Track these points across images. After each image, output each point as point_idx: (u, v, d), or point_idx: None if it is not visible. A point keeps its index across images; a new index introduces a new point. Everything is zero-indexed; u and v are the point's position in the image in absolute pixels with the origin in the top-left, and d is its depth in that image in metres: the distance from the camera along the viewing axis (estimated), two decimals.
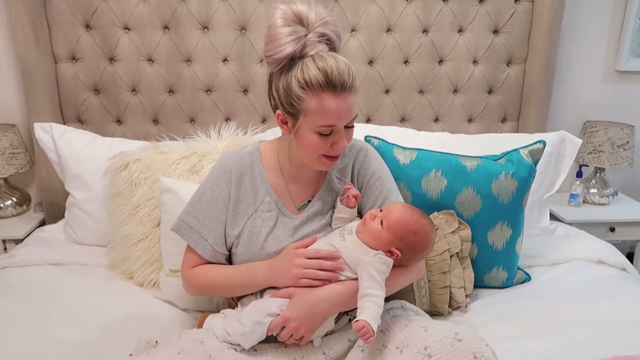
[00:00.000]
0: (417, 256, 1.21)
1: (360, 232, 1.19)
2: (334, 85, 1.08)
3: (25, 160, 2.08)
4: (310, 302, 1.13)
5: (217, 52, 2.06)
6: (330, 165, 1.20)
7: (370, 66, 2.15)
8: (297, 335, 1.13)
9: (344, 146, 1.15)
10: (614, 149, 2.25)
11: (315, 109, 1.10)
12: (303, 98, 1.10)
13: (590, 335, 1.32)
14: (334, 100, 1.09)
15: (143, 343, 1.22)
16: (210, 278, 1.26)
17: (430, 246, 1.21)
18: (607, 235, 2.23)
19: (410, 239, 1.16)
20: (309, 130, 1.13)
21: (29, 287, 1.53)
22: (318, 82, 1.08)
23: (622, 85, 2.42)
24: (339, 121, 1.12)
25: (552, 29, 2.11)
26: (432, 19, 2.11)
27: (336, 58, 1.10)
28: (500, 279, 1.66)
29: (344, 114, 1.11)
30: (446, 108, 2.24)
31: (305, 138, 1.14)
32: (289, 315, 1.12)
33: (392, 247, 1.15)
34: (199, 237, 1.25)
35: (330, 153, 1.16)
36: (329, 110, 1.09)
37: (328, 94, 1.09)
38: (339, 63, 1.09)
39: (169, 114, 2.12)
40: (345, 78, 1.09)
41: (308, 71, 1.09)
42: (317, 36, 1.12)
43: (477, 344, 1.01)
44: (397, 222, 1.16)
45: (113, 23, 1.99)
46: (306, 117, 1.11)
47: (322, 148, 1.15)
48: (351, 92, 1.12)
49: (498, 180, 1.58)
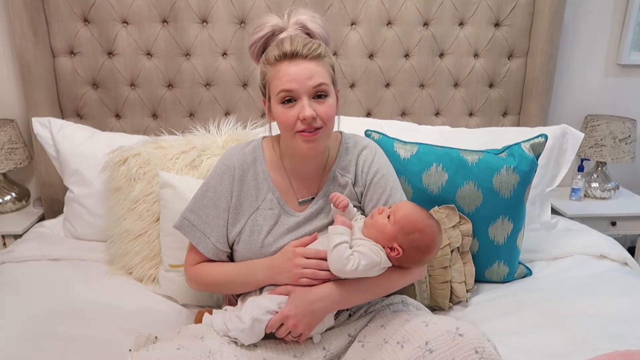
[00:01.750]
0: (420, 258, 1.17)
1: (365, 226, 1.18)
2: (285, 53, 1.13)
3: (24, 155, 2.07)
4: (309, 300, 1.12)
5: (216, 46, 2.05)
6: (309, 143, 1.15)
7: (371, 60, 2.14)
8: (296, 333, 1.13)
9: (307, 115, 1.11)
10: (616, 143, 2.24)
11: (272, 77, 1.16)
12: (265, 73, 1.17)
13: (592, 330, 1.32)
14: (288, 66, 1.13)
15: (142, 338, 1.21)
16: (211, 275, 1.26)
17: (434, 250, 1.17)
18: (608, 229, 2.22)
19: (415, 236, 1.14)
20: (275, 104, 1.16)
21: (28, 282, 1.53)
22: (273, 54, 1.15)
23: (624, 79, 2.40)
24: (294, 85, 1.12)
25: (553, 22, 2.10)
26: (433, 12, 2.10)
27: (297, 35, 1.17)
28: (501, 274, 1.65)
29: (299, 78, 1.12)
30: (447, 102, 2.23)
31: (275, 113, 1.17)
32: (287, 312, 1.12)
33: (395, 242, 1.13)
34: (202, 235, 1.25)
35: (300, 127, 1.14)
36: (283, 75, 1.13)
37: (285, 62, 1.14)
38: (295, 37, 1.15)
39: (168, 109, 2.11)
40: (296, 47, 1.13)
41: (270, 50, 1.17)
42: (295, 25, 1.19)
43: (479, 338, 1.00)
44: (405, 217, 1.14)
45: (111, 17, 1.98)
46: (270, 90, 1.17)
47: (290, 120, 1.14)
48: (308, 59, 1.14)
49: (499, 174, 1.57)
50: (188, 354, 1.02)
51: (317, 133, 1.14)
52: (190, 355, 1.02)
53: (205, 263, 1.28)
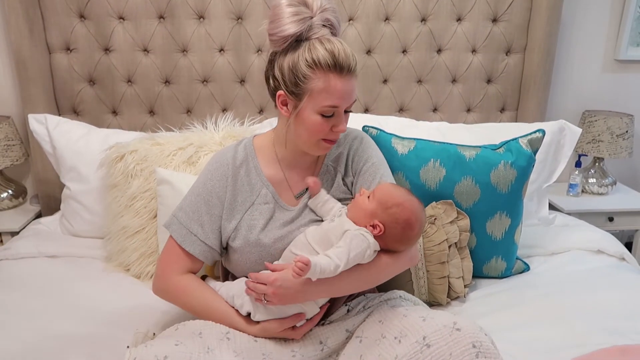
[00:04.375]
0: (402, 235, 1.16)
1: (348, 209, 1.19)
2: (341, 67, 1.11)
3: (20, 152, 2.06)
4: (299, 281, 1.10)
5: (213, 42, 2.04)
6: (328, 149, 1.22)
7: (368, 56, 2.13)
8: (269, 298, 1.11)
9: (344, 129, 1.18)
10: (613, 138, 2.24)
11: (321, 88, 1.12)
12: (310, 77, 1.12)
13: (590, 325, 1.32)
14: (339, 81, 1.12)
15: (140, 335, 1.21)
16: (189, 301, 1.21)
17: (415, 226, 1.16)
18: (605, 225, 2.23)
19: (393, 210, 1.13)
20: (312, 111, 1.14)
21: (24, 279, 1.53)
22: (326, 62, 1.11)
23: (622, 75, 2.40)
24: (342, 102, 1.14)
25: (551, 17, 2.09)
26: (431, 7, 2.09)
27: (342, 42, 1.14)
28: (499, 269, 1.66)
29: (347, 96, 1.15)
30: (445, 98, 2.22)
31: (308, 120, 1.15)
32: (275, 278, 1.10)
33: (375, 219, 1.13)
34: (188, 233, 1.22)
35: (330, 137, 1.18)
36: (334, 91, 1.12)
37: (335, 74, 1.12)
38: (344, 46, 1.13)
39: (165, 105, 2.10)
40: (350, 61, 1.13)
41: (316, 52, 1.11)
42: (321, 20, 1.15)
43: (476, 333, 1.00)
44: (383, 194, 1.16)
45: (107, 13, 1.97)
46: (311, 97, 1.13)
47: (323, 130, 1.16)
48: (354, 75, 1.15)
49: (497, 169, 1.57)
50: (186, 350, 1.02)
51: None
52: (189, 351, 1.02)
53: (187, 284, 1.21)
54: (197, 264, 1.25)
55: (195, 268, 1.25)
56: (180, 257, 1.23)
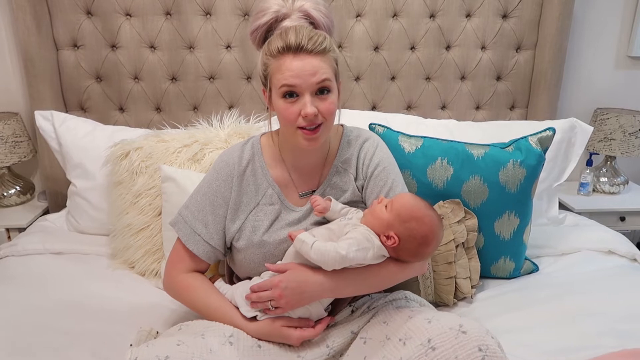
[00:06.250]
0: (417, 250, 1.14)
1: (364, 215, 1.17)
2: (289, 46, 1.10)
3: (28, 148, 2.07)
4: (303, 280, 1.10)
5: (220, 39, 2.03)
6: (310, 141, 1.14)
7: (376, 52, 2.11)
8: (276, 303, 1.10)
9: (310, 112, 1.10)
10: (626, 136, 2.20)
11: (275, 70, 1.12)
12: (267, 64, 1.14)
13: (599, 328, 1.30)
14: (291, 61, 1.10)
15: (144, 333, 1.21)
16: (193, 301, 1.22)
17: (432, 243, 1.14)
18: (617, 224, 2.19)
19: (411, 225, 1.11)
20: (276, 97, 1.14)
21: (30, 276, 1.53)
22: (277, 46, 1.11)
23: (635, 72, 2.36)
24: (298, 81, 1.10)
25: (563, 13, 2.06)
26: (440, 3, 2.07)
27: (302, 27, 1.13)
28: (507, 270, 1.63)
29: (302, 74, 1.09)
30: (453, 95, 2.20)
31: (276, 106, 1.15)
32: (278, 281, 1.10)
33: (391, 230, 1.12)
34: (192, 232, 1.22)
35: (301, 124, 1.12)
36: (286, 69, 1.10)
37: (287, 55, 1.11)
38: (299, 29, 1.12)
39: (172, 102, 2.10)
40: (301, 41, 1.10)
41: (273, 40, 1.14)
42: (299, 13, 1.16)
43: (482, 336, 0.98)
44: (402, 205, 1.13)
45: (114, 9, 1.97)
46: (272, 82, 1.14)
47: (291, 116, 1.12)
48: (312, 55, 1.11)
49: (506, 168, 1.54)
50: (188, 351, 1.01)
51: (318, 130, 1.13)
52: (190, 352, 1.01)
53: (191, 283, 1.22)
54: (202, 264, 1.25)
55: (200, 267, 1.25)
56: (184, 256, 1.24)
